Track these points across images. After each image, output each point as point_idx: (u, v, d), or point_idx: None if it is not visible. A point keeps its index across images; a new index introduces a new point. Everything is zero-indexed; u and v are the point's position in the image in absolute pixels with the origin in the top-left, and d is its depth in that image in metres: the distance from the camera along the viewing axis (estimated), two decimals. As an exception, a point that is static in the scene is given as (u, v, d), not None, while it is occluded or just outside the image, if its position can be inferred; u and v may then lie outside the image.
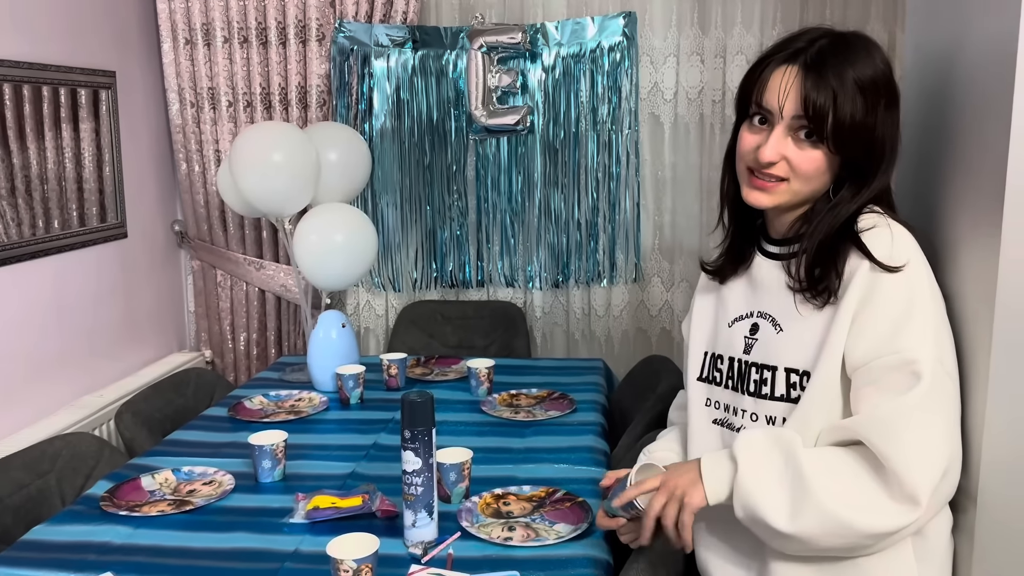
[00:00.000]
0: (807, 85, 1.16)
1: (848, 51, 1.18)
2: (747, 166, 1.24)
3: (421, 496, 1.39)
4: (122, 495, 1.63)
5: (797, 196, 1.22)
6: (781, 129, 1.19)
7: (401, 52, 2.70)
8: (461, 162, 2.76)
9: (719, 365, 1.34)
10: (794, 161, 1.19)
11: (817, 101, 1.15)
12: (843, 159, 1.19)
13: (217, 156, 2.81)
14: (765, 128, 1.21)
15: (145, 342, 2.80)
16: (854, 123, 1.16)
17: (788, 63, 1.19)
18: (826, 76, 1.16)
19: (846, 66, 1.16)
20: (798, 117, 1.17)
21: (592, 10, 2.66)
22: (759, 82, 1.21)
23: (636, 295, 2.79)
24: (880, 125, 1.18)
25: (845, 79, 1.15)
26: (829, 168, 1.20)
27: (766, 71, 1.21)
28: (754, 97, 1.22)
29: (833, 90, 1.15)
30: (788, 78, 1.18)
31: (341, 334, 2.28)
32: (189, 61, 2.77)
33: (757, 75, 1.23)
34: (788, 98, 1.17)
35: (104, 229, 2.57)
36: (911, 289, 1.13)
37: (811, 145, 1.18)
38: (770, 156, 1.19)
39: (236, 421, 2.03)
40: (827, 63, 1.16)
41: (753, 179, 1.23)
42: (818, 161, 1.19)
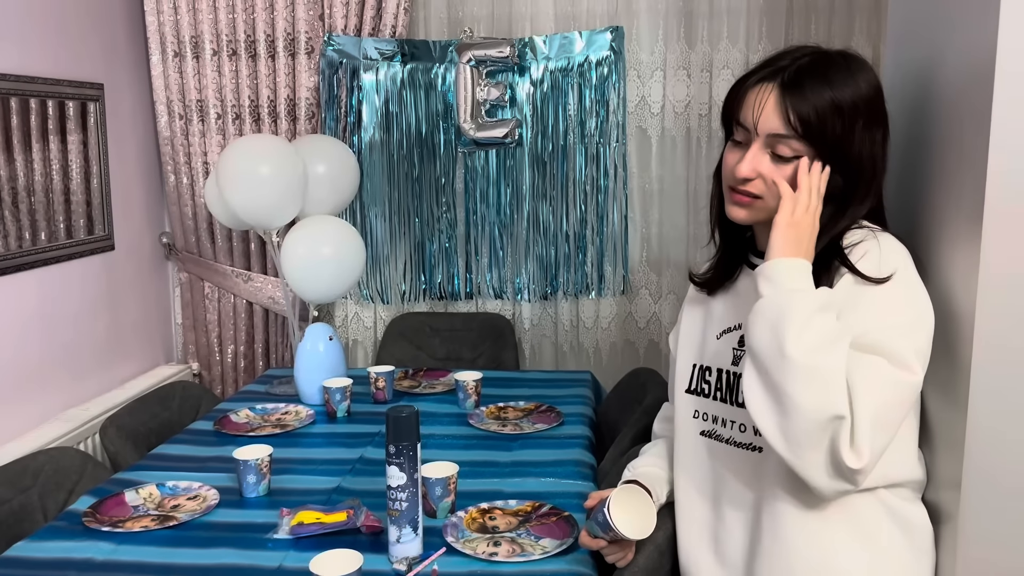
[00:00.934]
0: (784, 102, 1.17)
1: (829, 70, 1.19)
2: (728, 184, 1.25)
3: (406, 511, 1.39)
4: (105, 510, 1.61)
5: (772, 212, 1.22)
6: (757, 146, 1.20)
7: (390, 65, 2.70)
8: (450, 175, 2.77)
9: (707, 377, 1.34)
10: (768, 177, 1.20)
11: (790, 118, 1.16)
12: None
13: (205, 168, 2.81)
14: (744, 145, 1.23)
15: (132, 354, 2.79)
16: (830, 140, 1.17)
17: (766, 81, 1.20)
18: (802, 94, 1.17)
19: (823, 85, 1.17)
20: (773, 135, 1.18)
21: (580, 24, 2.67)
22: (737, 100, 1.23)
23: (624, 307, 2.80)
24: (858, 144, 1.19)
25: (821, 97, 1.16)
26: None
27: (743, 89, 1.22)
28: (733, 115, 1.24)
29: (814, 107, 1.16)
30: (763, 95, 1.19)
31: (328, 347, 2.27)
32: (178, 73, 2.77)
33: (735, 93, 1.24)
34: (762, 115, 1.19)
35: (91, 241, 2.57)
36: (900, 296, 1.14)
37: (787, 162, 1.19)
38: (745, 172, 1.20)
39: (222, 435, 2.03)
40: (804, 82, 1.17)
41: (733, 195, 1.24)
42: (792, 178, 1.19)
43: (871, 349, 1.11)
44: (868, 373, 1.09)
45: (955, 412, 1.17)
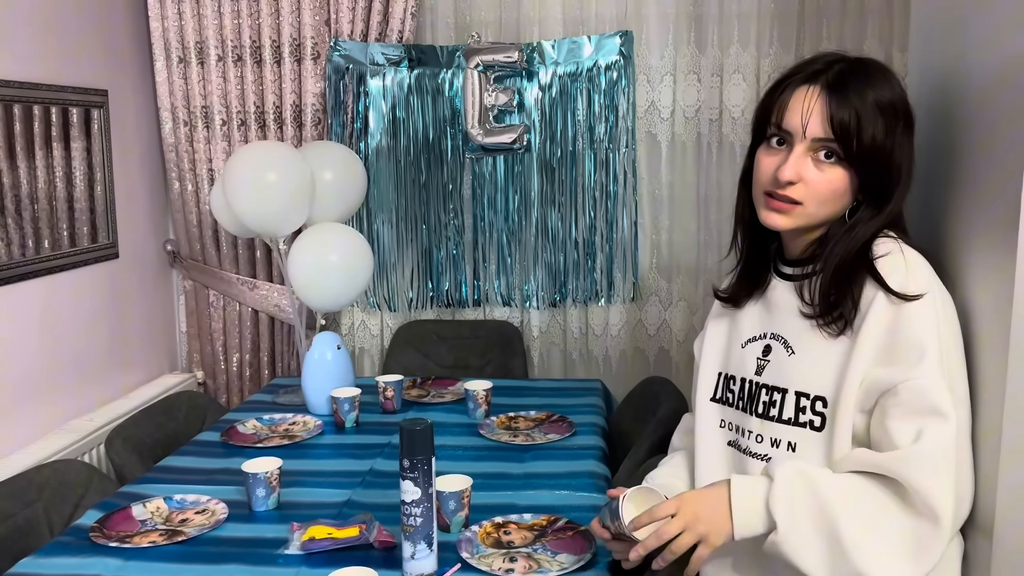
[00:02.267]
0: (832, 105, 1.16)
1: (867, 74, 1.18)
2: (764, 190, 1.22)
3: (420, 527, 1.36)
4: (112, 525, 1.58)
5: (812, 219, 1.21)
6: (801, 149, 1.18)
7: (397, 71, 2.68)
8: (457, 181, 2.74)
9: (731, 386, 1.32)
10: (812, 182, 1.18)
11: (843, 121, 1.15)
12: (861, 181, 1.19)
13: (210, 175, 2.78)
14: (783, 149, 1.20)
15: (136, 363, 2.76)
16: (875, 144, 1.16)
17: (809, 83, 1.19)
18: (849, 96, 1.16)
19: (867, 88, 1.16)
20: (820, 139, 1.17)
21: (589, 29, 2.65)
22: (779, 103, 1.21)
23: (634, 314, 2.77)
24: (897, 148, 1.18)
25: (866, 100, 1.16)
26: (846, 191, 1.19)
27: (786, 92, 1.20)
28: (773, 119, 1.21)
29: (856, 110, 1.15)
30: (811, 98, 1.17)
31: (336, 356, 2.24)
32: (182, 79, 2.75)
33: (776, 96, 1.22)
34: (812, 118, 1.17)
35: (95, 249, 2.54)
36: (931, 318, 1.12)
37: (830, 166, 1.18)
38: (790, 175, 1.18)
39: (229, 446, 1.99)
40: (848, 84, 1.16)
41: (770, 201, 1.22)
42: (836, 183, 1.18)
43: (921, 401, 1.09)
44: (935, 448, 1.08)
45: (989, 427, 1.14)
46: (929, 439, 1.08)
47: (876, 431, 1.15)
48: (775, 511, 1.11)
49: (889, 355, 1.13)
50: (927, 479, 1.07)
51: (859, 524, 1.09)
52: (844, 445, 1.16)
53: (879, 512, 1.10)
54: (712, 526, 1.13)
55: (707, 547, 1.14)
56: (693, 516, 1.14)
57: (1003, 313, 1.08)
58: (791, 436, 1.21)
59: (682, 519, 1.14)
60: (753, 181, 1.26)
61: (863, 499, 1.11)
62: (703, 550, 1.14)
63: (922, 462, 1.08)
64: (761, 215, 1.24)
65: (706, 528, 1.13)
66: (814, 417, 1.19)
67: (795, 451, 1.20)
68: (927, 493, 1.07)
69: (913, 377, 1.10)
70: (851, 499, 1.11)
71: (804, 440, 1.20)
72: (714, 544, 1.14)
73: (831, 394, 1.17)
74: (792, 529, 1.11)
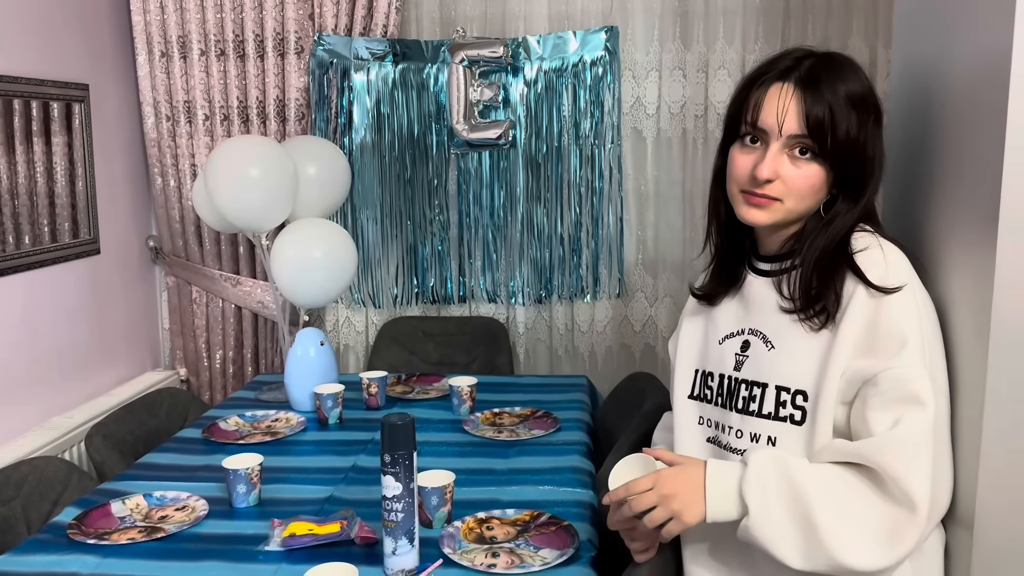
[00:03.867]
0: (806, 102, 1.16)
1: (837, 68, 1.19)
2: (740, 188, 1.22)
3: (402, 523, 1.35)
4: (91, 522, 1.56)
5: (791, 214, 1.22)
6: (777, 147, 1.18)
7: (381, 65, 2.66)
8: (443, 176, 2.73)
9: (709, 382, 1.32)
10: (789, 179, 1.18)
11: (818, 117, 1.15)
12: (837, 176, 1.19)
13: (193, 170, 2.76)
14: (758, 147, 1.20)
15: (118, 360, 2.74)
16: (849, 139, 1.16)
17: (782, 80, 1.18)
18: (822, 92, 1.16)
19: (838, 82, 1.17)
20: (796, 135, 1.17)
21: (574, 24, 2.64)
22: (752, 102, 1.20)
23: (620, 310, 2.76)
24: (870, 141, 1.19)
25: (839, 95, 1.16)
26: (823, 185, 1.20)
27: (759, 90, 1.20)
28: (747, 117, 1.21)
29: (830, 106, 1.15)
30: (785, 96, 1.17)
31: (319, 352, 2.23)
32: (165, 74, 2.73)
33: (749, 95, 1.21)
34: (787, 116, 1.17)
35: (76, 245, 2.51)
36: (912, 309, 1.13)
37: (806, 162, 1.18)
38: (767, 174, 1.18)
39: (211, 443, 1.98)
40: (821, 80, 1.17)
41: (748, 197, 1.22)
42: (812, 178, 1.19)
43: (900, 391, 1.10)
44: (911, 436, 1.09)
45: (969, 419, 1.14)
46: (906, 426, 1.09)
47: (856, 421, 1.15)
48: (747, 496, 1.12)
49: (870, 346, 1.13)
50: (902, 465, 1.07)
51: (833, 510, 1.09)
52: (825, 438, 1.16)
53: (854, 499, 1.10)
54: (685, 505, 1.13)
55: (678, 524, 1.14)
56: (669, 492, 1.14)
57: (983, 306, 1.08)
58: (771, 431, 1.21)
59: (657, 493, 1.15)
60: (728, 179, 1.26)
61: (838, 486, 1.11)
62: (674, 526, 1.14)
63: (898, 448, 1.08)
64: (739, 211, 1.24)
65: (679, 506, 1.14)
66: (795, 411, 1.19)
67: (775, 445, 1.20)
68: (902, 479, 1.07)
69: (893, 366, 1.10)
70: (825, 486, 1.11)
71: (785, 434, 1.19)
72: (686, 522, 1.14)
73: (812, 388, 1.17)
74: (764, 515, 1.11)
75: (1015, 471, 1.08)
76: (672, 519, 1.14)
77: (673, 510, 1.13)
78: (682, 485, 1.14)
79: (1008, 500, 1.09)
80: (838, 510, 1.09)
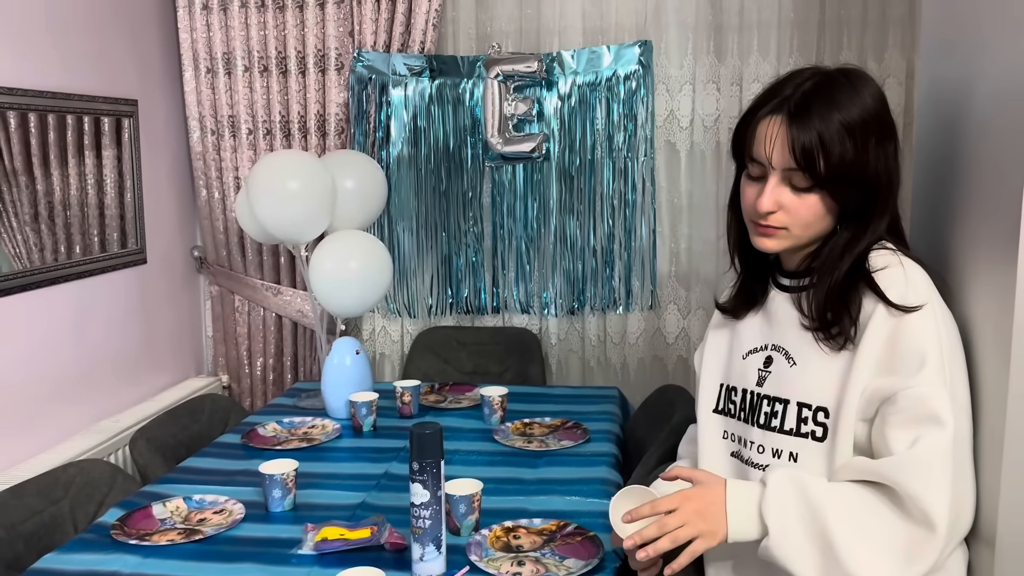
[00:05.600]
0: (793, 134, 1.16)
1: (833, 92, 1.18)
2: (749, 218, 1.25)
3: (429, 529, 1.38)
4: (133, 523, 1.63)
5: (800, 240, 1.23)
6: (775, 179, 1.20)
7: (419, 81, 2.72)
8: (477, 189, 2.77)
9: (733, 397, 1.33)
10: (791, 208, 1.20)
11: (804, 148, 1.15)
12: (840, 200, 1.19)
13: (236, 183, 2.84)
14: (761, 178, 1.22)
15: (164, 367, 2.82)
16: (844, 165, 1.16)
17: (773, 113, 1.19)
18: (811, 122, 1.16)
19: (831, 109, 1.16)
20: (789, 168, 1.18)
21: (608, 39, 2.67)
22: (749, 135, 1.22)
23: (652, 322, 2.77)
24: (873, 162, 1.18)
25: (831, 123, 1.15)
26: (828, 211, 1.20)
27: (752, 124, 1.21)
28: (745, 149, 1.23)
29: (820, 135, 1.15)
30: (773, 129, 1.18)
31: (355, 361, 2.28)
32: (210, 89, 2.81)
33: (745, 127, 1.23)
34: (775, 149, 1.18)
35: (125, 255, 2.60)
36: (932, 328, 1.13)
37: (807, 191, 1.19)
38: (767, 206, 1.20)
39: (249, 448, 2.04)
40: (811, 109, 1.16)
41: (757, 227, 1.24)
42: (815, 206, 1.19)
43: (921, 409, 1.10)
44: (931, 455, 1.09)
45: (991, 438, 1.14)
46: (925, 445, 1.09)
47: (876, 439, 1.15)
48: (767, 516, 1.13)
49: (890, 365, 1.13)
50: (920, 484, 1.08)
51: (851, 529, 1.09)
52: (845, 455, 1.16)
53: (871, 518, 1.10)
54: (710, 525, 1.15)
55: (703, 543, 1.15)
56: (694, 512, 1.15)
57: (1004, 325, 1.08)
58: (793, 447, 1.22)
59: (682, 514, 1.15)
60: (741, 208, 1.28)
61: (856, 505, 1.12)
62: (699, 545, 1.15)
63: (916, 467, 1.08)
64: (753, 240, 1.26)
65: (705, 526, 1.15)
66: (816, 428, 1.20)
67: (796, 461, 1.21)
68: (920, 498, 1.07)
69: (912, 385, 1.11)
70: (843, 505, 1.11)
71: (806, 451, 1.20)
72: (710, 543, 1.15)
73: (833, 405, 1.18)
74: (783, 534, 1.12)
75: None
76: (698, 537, 1.15)
77: (700, 529, 1.15)
78: (707, 505, 1.16)
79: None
80: (856, 529, 1.10)
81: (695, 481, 1.20)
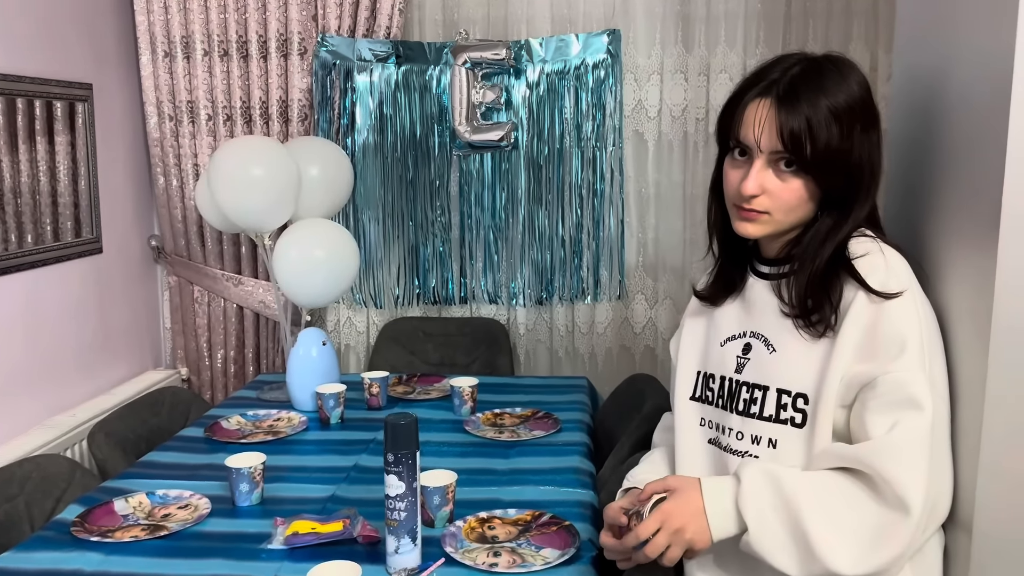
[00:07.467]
0: (781, 118, 1.16)
1: (821, 78, 1.18)
2: (732, 202, 1.25)
3: (404, 521, 1.36)
4: (94, 520, 1.57)
5: (782, 225, 1.23)
6: (760, 162, 1.20)
7: (384, 67, 2.67)
8: (444, 178, 2.74)
9: (711, 384, 1.33)
10: (775, 192, 1.20)
11: (793, 132, 1.15)
12: (823, 186, 1.19)
13: (195, 170, 2.77)
14: (746, 161, 1.21)
15: (120, 359, 2.74)
16: (830, 150, 1.16)
17: (761, 96, 1.19)
18: (799, 107, 1.16)
19: (819, 94, 1.16)
20: (775, 151, 1.17)
21: (576, 27, 2.65)
22: (735, 117, 1.22)
23: (620, 312, 2.77)
24: (857, 148, 1.18)
25: (819, 107, 1.16)
26: (811, 197, 1.21)
27: (740, 106, 1.21)
28: (732, 132, 1.22)
29: (807, 119, 1.15)
30: (762, 112, 1.18)
31: (321, 352, 2.24)
32: (168, 74, 2.73)
33: (733, 110, 1.23)
34: (764, 132, 1.18)
35: (79, 244, 2.52)
36: (912, 314, 1.13)
37: (791, 175, 1.19)
38: (752, 189, 1.19)
39: (213, 442, 1.98)
40: (799, 93, 1.17)
41: (740, 212, 1.23)
42: (799, 191, 1.19)
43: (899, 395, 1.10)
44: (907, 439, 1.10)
45: (969, 424, 1.15)
46: (902, 429, 1.09)
47: (854, 424, 1.16)
48: (744, 512, 1.14)
49: (870, 351, 1.14)
50: (897, 468, 1.08)
51: (823, 518, 1.10)
52: (825, 441, 1.17)
53: (841, 503, 1.11)
54: (695, 533, 1.16)
55: (694, 552, 1.17)
56: (679, 526, 1.16)
57: (983, 311, 1.09)
58: (772, 433, 1.22)
59: (666, 533, 1.16)
60: (724, 192, 1.27)
61: (829, 493, 1.12)
62: (690, 555, 1.17)
63: (892, 451, 1.09)
64: (734, 225, 1.26)
65: (690, 536, 1.16)
66: (795, 414, 1.20)
67: (776, 448, 1.21)
68: (896, 482, 1.08)
69: (892, 370, 1.11)
70: (815, 493, 1.12)
71: (785, 437, 1.20)
72: (700, 549, 1.17)
73: (812, 391, 1.18)
74: (762, 528, 1.13)
75: (1014, 474, 1.09)
76: (688, 550, 1.16)
77: (686, 541, 1.16)
78: (688, 516, 1.16)
79: (1007, 503, 1.10)
80: (826, 516, 1.10)
81: (668, 489, 1.20)
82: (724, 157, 1.28)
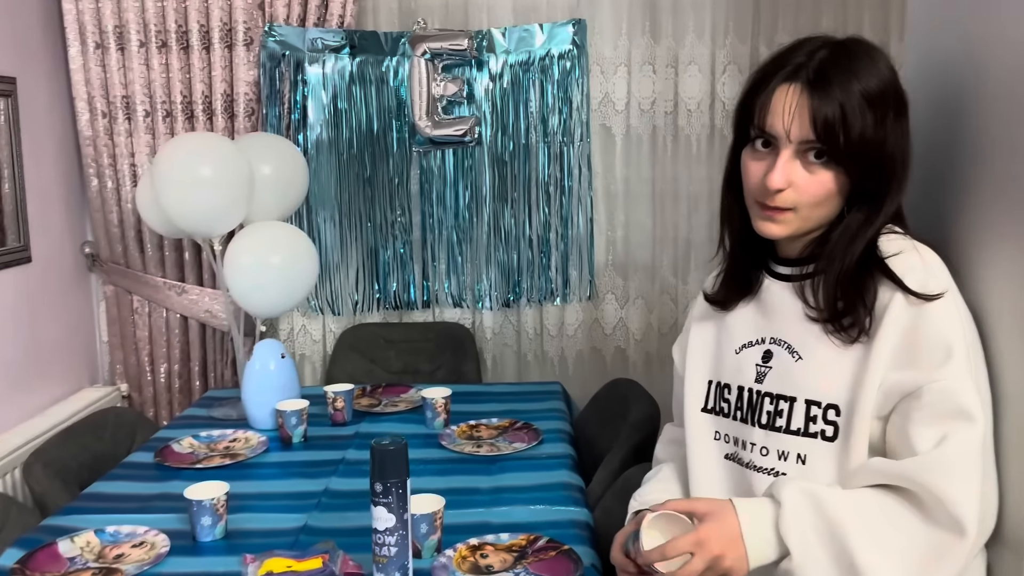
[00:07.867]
0: (813, 104, 1.07)
1: (851, 61, 1.09)
2: (755, 199, 1.14)
3: (395, 557, 1.23)
4: (36, 565, 1.40)
5: (808, 223, 1.13)
6: (788, 153, 1.09)
7: (337, 58, 2.52)
8: (404, 176, 2.60)
9: (726, 395, 1.23)
10: (802, 186, 1.10)
11: (827, 120, 1.06)
12: (855, 178, 1.10)
13: (133, 171, 2.57)
14: (769, 152, 1.11)
15: (53, 377, 2.52)
16: (864, 139, 1.07)
17: (789, 81, 1.09)
18: (832, 92, 1.06)
19: (851, 79, 1.07)
20: (806, 140, 1.08)
21: (540, 17, 2.54)
22: (760, 104, 1.11)
23: (590, 313, 2.68)
24: (890, 138, 1.10)
25: (852, 93, 1.06)
26: (840, 191, 1.11)
27: (766, 92, 1.10)
28: (756, 120, 1.12)
29: (841, 106, 1.06)
30: (792, 99, 1.08)
31: (280, 365, 2.08)
32: (100, 67, 2.53)
33: (757, 96, 1.12)
34: (795, 121, 1.08)
35: (5, 253, 2.30)
36: (955, 317, 1.06)
37: (821, 167, 1.09)
38: (778, 183, 1.09)
39: (165, 468, 1.82)
40: (831, 78, 1.07)
41: (763, 210, 1.13)
42: (828, 184, 1.10)
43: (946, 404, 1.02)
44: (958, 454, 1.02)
45: (1014, 433, 1.07)
46: (953, 443, 1.01)
47: (894, 437, 1.07)
48: (787, 538, 1.03)
49: (910, 357, 1.05)
50: (950, 486, 1.00)
51: (870, 542, 1.01)
52: (859, 455, 1.08)
53: (893, 529, 1.03)
54: (733, 560, 1.04)
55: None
56: (716, 554, 1.04)
57: (1020, 310, 1.02)
58: (800, 448, 1.12)
59: (703, 559, 1.04)
60: (744, 187, 1.17)
61: (874, 514, 1.03)
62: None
63: (945, 468, 1.01)
64: (756, 224, 1.15)
65: (729, 563, 1.04)
66: (826, 427, 1.11)
67: (805, 464, 1.12)
68: (950, 501, 1.00)
69: (938, 379, 1.03)
70: (860, 516, 1.03)
71: (815, 451, 1.11)
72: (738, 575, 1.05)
73: (845, 402, 1.09)
74: (805, 555, 1.03)
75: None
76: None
77: (725, 569, 1.04)
78: (727, 542, 1.05)
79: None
80: (872, 539, 1.02)
81: (697, 513, 1.09)
82: (739, 147, 1.17)
